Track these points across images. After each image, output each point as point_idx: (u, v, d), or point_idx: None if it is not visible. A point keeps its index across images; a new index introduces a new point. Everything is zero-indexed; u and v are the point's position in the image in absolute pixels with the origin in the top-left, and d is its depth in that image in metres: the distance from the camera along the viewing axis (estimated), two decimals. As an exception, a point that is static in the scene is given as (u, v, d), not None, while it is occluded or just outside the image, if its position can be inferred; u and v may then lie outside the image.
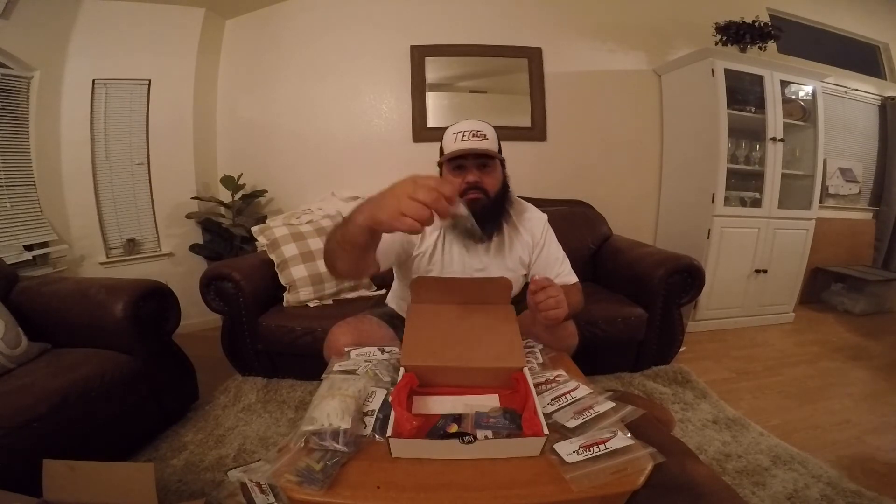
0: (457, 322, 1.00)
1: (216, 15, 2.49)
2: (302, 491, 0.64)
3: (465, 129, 1.09)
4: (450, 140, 1.10)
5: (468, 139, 1.07)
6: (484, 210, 1.08)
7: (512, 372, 0.89)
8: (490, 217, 1.11)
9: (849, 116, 3.12)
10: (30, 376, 1.17)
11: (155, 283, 1.47)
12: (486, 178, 1.10)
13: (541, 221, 1.28)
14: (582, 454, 0.69)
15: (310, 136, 2.59)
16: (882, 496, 1.15)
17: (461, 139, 1.08)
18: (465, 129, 1.09)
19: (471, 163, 1.08)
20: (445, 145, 1.12)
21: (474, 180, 1.07)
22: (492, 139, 1.11)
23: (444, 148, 1.13)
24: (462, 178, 1.08)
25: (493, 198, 1.11)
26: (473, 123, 1.11)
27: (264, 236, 1.91)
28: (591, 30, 2.67)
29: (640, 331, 1.82)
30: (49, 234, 2.10)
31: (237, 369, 1.87)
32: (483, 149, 1.07)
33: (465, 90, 2.58)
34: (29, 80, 2.05)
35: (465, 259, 1.16)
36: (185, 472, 1.26)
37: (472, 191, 1.08)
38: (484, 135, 1.09)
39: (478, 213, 0.96)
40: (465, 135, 1.08)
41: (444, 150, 1.13)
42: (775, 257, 2.52)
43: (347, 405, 0.78)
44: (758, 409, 1.64)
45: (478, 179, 1.08)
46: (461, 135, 1.08)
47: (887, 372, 1.97)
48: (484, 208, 1.08)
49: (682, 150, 2.63)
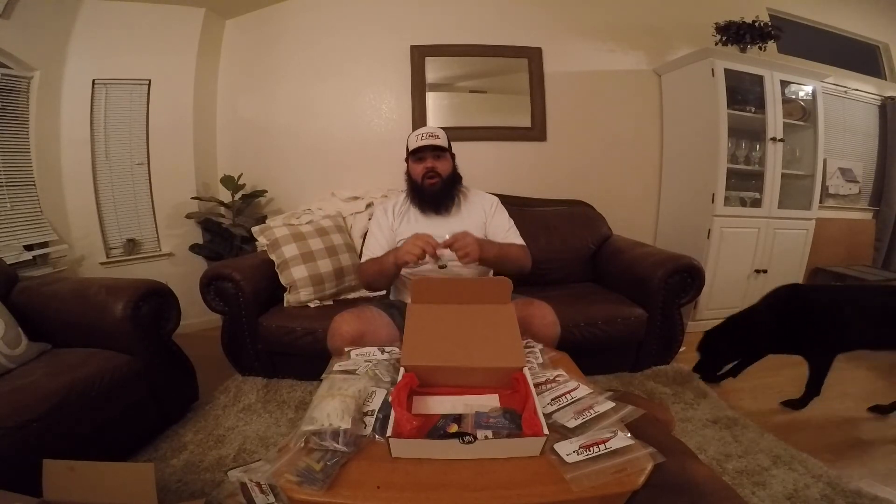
0: (457, 322, 1.00)
1: (216, 15, 2.49)
2: (302, 491, 0.64)
3: (423, 131, 1.49)
4: (413, 140, 1.49)
5: (426, 138, 1.46)
6: (439, 189, 1.47)
7: (512, 372, 0.89)
8: (444, 194, 1.49)
9: (849, 116, 3.11)
10: (30, 376, 1.17)
11: (155, 283, 1.47)
12: (439, 165, 1.48)
13: (492, 199, 1.62)
14: (582, 454, 0.69)
15: (310, 136, 2.59)
16: (881, 496, 1.15)
17: (421, 139, 1.46)
18: (423, 132, 1.48)
19: (428, 154, 1.47)
20: (409, 144, 1.51)
21: (431, 165, 1.46)
22: (442, 139, 1.49)
23: (409, 146, 1.51)
24: (422, 165, 1.47)
25: (445, 179, 1.49)
26: (429, 128, 1.51)
27: (264, 236, 1.91)
28: (591, 30, 2.67)
29: (640, 331, 1.82)
30: (49, 234, 2.10)
31: (237, 369, 1.87)
32: (435, 144, 1.46)
33: (465, 90, 2.58)
34: (29, 80, 2.05)
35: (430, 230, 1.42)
36: (185, 472, 1.26)
37: (431, 175, 1.46)
38: (437, 135, 1.48)
39: (435, 192, 1.47)
40: (423, 136, 1.47)
41: (409, 147, 1.51)
42: (775, 257, 2.52)
43: (347, 405, 0.78)
44: (758, 409, 1.64)
45: (433, 165, 1.47)
46: (420, 136, 1.47)
47: (887, 372, 1.97)
48: (439, 188, 1.48)
49: (682, 150, 2.63)
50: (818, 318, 1.61)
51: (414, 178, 1.51)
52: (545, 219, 2.32)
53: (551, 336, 1.25)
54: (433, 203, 1.48)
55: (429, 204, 1.49)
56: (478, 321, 1.00)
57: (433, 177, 1.47)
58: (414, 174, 1.51)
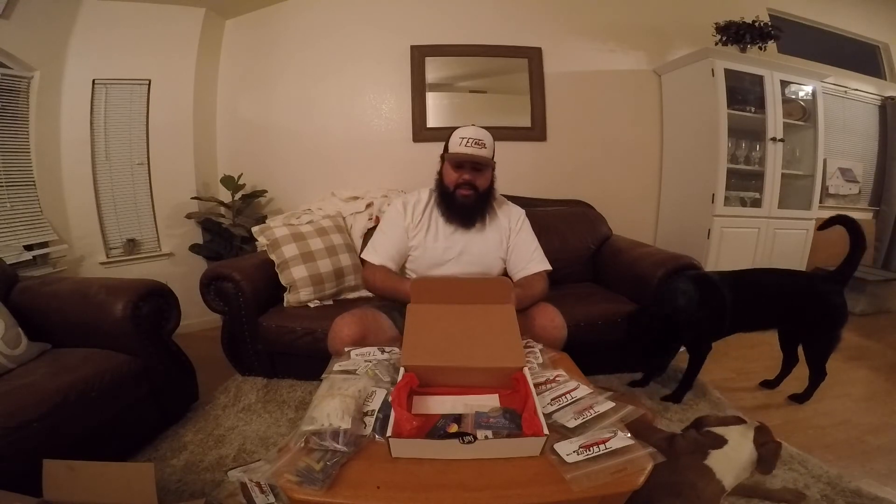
0: (457, 322, 1.00)
1: (216, 15, 2.49)
2: (302, 491, 0.64)
3: (470, 136, 1.29)
4: (455, 142, 1.31)
5: (471, 146, 1.28)
6: (473, 202, 1.35)
7: (512, 372, 0.89)
8: (476, 209, 1.37)
9: (849, 116, 3.12)
10: (30, 376, 1.16)
11: (155, 283, 1.47)
12: (479, 179, 1.34)
13: (519, 212, 1.49)
14: (582, 454, 0.69)
15: (310, 136, 2.59)
16: (881, 495, 1.15)
17: (465, 144, 1.29)
18: (469, 137, 1.29)
19: (469, 165, 1.32)
20: (451, 145, 1.33)
21: (469, 179, 1.32)
22: (489, 147, 1.33)
23: (450, 147, 1.34)
24: (459, 174, 1.32)
25: (480, 194, 1.36)
26: (478, 131, 1.31)
27: (264, 236, 1.91)
28: (591, 30, 2.67)
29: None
30: (49, 234, 2.09)
31: (237, 369, 1.87)
32: (481, 157, 1.30)
33: (465, 90, 2.58)
34: (29, 80, 2.05)
35: (448, 241, 1.39)
36: (185, 472, 1.25)
37: (465, 187, 1.32)
38: (484, 144, 1.30)
39: (468, 205, 1.34)
40: (469, 141, 1.29)
41: (450, 148, 1.34)
42: (775, 257, 2.52)
43: (347, 405, 0.78)
44: (758, 409, 1.64)
45: (472, 179, 1.32)
46: (466, 140, 1.29)
47: (887, 372, 1.97)
48: (472, 201, 1.34)
49: (683, 150, 2.63)
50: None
51: (446, 183, 1.35)
52: (545, 219, 2.31)
53: (558, 339, 1.23)
54: (461, 216, 1.36)
55: (456, 216, 1.36)
56: (478, 321, 1.00)
57: (468, 188, 1.33)
58: (447, 179, 1.35)
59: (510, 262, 1.44)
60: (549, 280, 1.43)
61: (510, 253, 1.43)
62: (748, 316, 1.62)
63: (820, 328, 1.61)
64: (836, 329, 1.59)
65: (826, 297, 1.58)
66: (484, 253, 1.40)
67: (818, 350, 1.64)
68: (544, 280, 1.40)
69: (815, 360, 1.65)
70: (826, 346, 1.63)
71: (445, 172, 1.36)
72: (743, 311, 1.59)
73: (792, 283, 1.64)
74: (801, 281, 1.66)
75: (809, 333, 1.65)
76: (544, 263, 1.42)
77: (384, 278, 1.33)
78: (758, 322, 1.67)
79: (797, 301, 1.60)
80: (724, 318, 1.59)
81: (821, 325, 1.60)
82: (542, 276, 1.41)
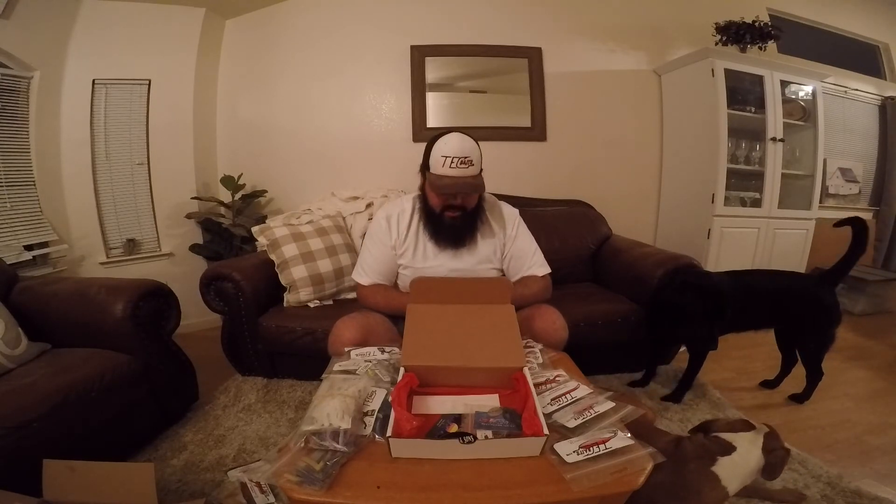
0: (457, 322, 1.00)
1: (216, 15, 2.49)
2: (302, 491, 0.64)
3: (454, 154, 1.13)
4: (438, 161, 1.15)
5: (456, 166, 1.13)
6: (461, 223, 1.25)
7: (512, 372, 0.89)
8: (465, 228, 1.26)
9: (849, 116, 3.12)
10: (30, 376, 1.16)
11: (155, 284, 1.47)
12: (468, 200, 1.23)
13: (513, 216, 1.39)
14: (582, 454, 0.69)
15: (310, 136, 2.59)
16: (881, 495, 1.15)
17: (449, 165, 1.13)
18: (453, 155, 1.13)
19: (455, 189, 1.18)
20: (433, 163, 1.18)
21: (459, 204, 1.22)
22: (477, 162, 1.17)
23: (432, 165, 1.19)
24: (445, 198, 1.20)
25: (469, 212, 1.25)
26: (462, 146, 1.15)
27: (264, 236, 1.91)
28: (591, 30, 2.67)
29: (641, 331, 1.82)
30: (49, 234, 2.09)
31: (237, 369, 1.87)
32: (468, 182, 1.16)
33: (465, 90, 2.58)
34: (29, 80, 2.05)
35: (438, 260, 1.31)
36: (185, 472, 1.25)
37: (452, 209, 1.22)
38: (471, 161, 1.14)
39: (456, 227, 1.23)
40: (454, 161, 1.13)
41: (432, 166, 1.19)
42: (775, 257, 2.52)
43: (347, 405, 0.78)
44: (758, 409, 1.64)
45: (460, 203, 1.22)
46: (449, 160, 1.13)
47: (887, 372, 1.97)
48: (462, 221, 1.25)
49: (682, 150, 2.62)
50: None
51: (431, 205, 1.25)
52: (545, 219, 2.31)
53: (559, 340, 1.22)
54: (451, 238, 1.26)
55: (446, 238, 1.26)
56: (478, 321, 1.00)
57: (455, 210, 1.23)
58: (431, 200, 1.24)
59: (509, 270, 1.39)
60: (551, 287, 1.38)
61: (509, 262, 1.37)
62: (741, 315, 1.62)
63: (813, 328, 1.61)
64: (829, 329, 1.60)
65: (817, 297, 1.59)
66: (477, 270, 1.33)
67: (812, 350, 1.64)
68: (542, 281, 1.36)
69: (809, 359, 1.65)
70: (820, 346, 1.63)
71: (429, 192, 1.23)
72: (736, 310, 1.59)
73: (784, 284, 1.65)
74: (793, 281, 1.67)
75: (803, 333, 1.66)
76: (544, 268, 1.37)
77: (384, 297, 1.30)
78: (750, 322, 1.67)
79: (789, 301, 1.61)
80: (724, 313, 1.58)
81: (814, 325, 1.61)
82: (544, 279, 1.37)
